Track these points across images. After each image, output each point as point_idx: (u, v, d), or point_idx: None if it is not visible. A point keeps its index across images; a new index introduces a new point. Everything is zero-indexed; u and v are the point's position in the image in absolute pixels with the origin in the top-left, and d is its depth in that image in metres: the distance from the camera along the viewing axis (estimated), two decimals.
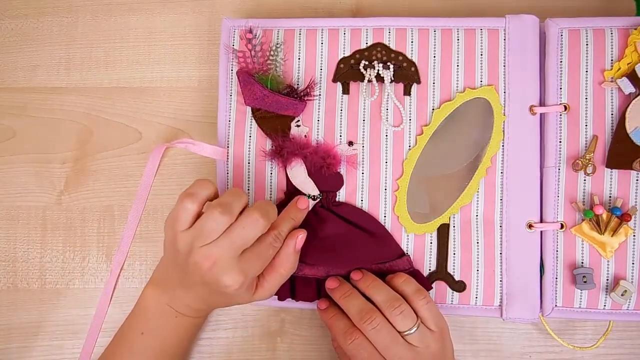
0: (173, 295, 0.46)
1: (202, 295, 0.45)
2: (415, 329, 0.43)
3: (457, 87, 0.49)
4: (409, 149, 0.49)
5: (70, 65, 0.56)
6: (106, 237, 0.55)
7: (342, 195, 0.50)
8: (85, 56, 0.56)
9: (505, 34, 0.49)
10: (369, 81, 0.49)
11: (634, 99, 0.47)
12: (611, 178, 0.48)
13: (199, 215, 0.43)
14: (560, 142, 0.48)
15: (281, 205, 0.49)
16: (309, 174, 0.49)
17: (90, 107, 0.56)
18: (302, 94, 0.49)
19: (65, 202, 0.55)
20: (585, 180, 0.48)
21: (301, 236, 0.46)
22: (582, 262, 0.48)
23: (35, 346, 0.54)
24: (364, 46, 0.50)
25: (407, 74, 0.50)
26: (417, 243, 0.49)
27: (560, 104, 0.48)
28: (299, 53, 0.51)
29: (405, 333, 0.43)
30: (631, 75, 0.47)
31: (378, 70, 0.49)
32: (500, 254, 0.49)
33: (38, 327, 0.54)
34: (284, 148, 0.49)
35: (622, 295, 0.47)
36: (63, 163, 0.55)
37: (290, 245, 0.45)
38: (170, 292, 0.46)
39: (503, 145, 0.49)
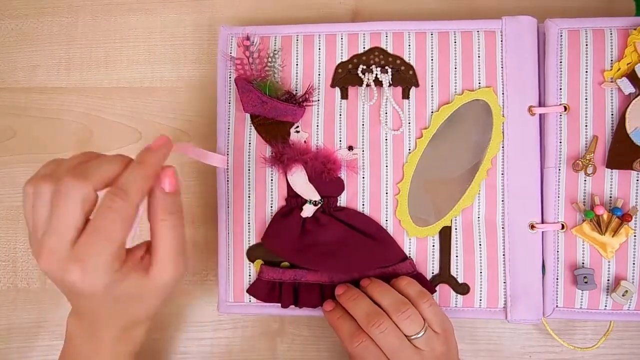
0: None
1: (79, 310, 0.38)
2: (423, 333, 0.43)
3: (456, 89, 0.49)
4: (409, 153, 0.49)
5: (70, 65, 0.56)
6: None
7: (343, 200, 0.50)
8: (85, 56, 0.56)
9: (502, 35, 0.49)
10: (367, 85, 0.49)
11: (633, 99, 0.47)
12: (611, 178, 0.48)
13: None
14: (560, 142, 0.48)
15: (282, 213, 0.49)
16: (310, 180, 0.49)
17: (90, 107, 0.56)
18: (300, 99, 0.49)
19: None
20: (585, 180, 0.48)
21: (167, 173, 0.36)
22: (583, 263, 0.48)
23: (35, 346, 0.54)
24: (361, 51, 0.50)
25: (405, 78, 0.49)
26: (419, 246, 0.49)
27: (560, 104, 0.48)
28: (297, 59, 0.50)
29: (412, 337, 0.43)
30: (631, 76, 0.47)
31: (376, 74, 0.49)
32: (503, 255, 0.49)
33: (38, 327, 0.54)
34: (284, 154, 0.49)
35: (623, 295, 0.47)
36: None
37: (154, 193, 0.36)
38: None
39: (503, 147, 0.49)
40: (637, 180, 0.48)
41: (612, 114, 0.48)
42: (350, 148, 0.50)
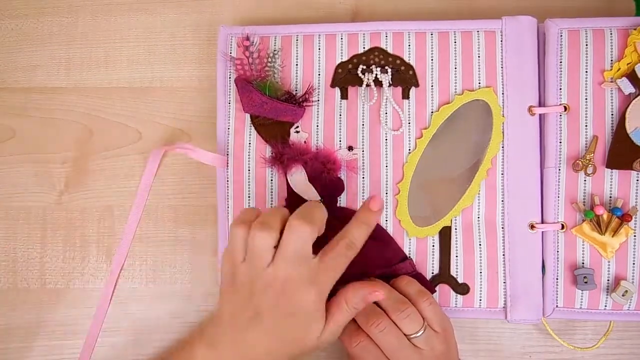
0: (237, 346, 0.42)
1: (274, 331, 0.41)
2: (422, 332, 0.43)
3: (456, 89, 0.49)
4: (409, 153, 0.49)
5: (70, 65, 0.56)
6: (106, 237, 0.55)
7: (343, 200, 0.50)
8: (85, 56, 0.56)
9: (502, 35, 0.49)
10: (367, 85, 0.49)
11: (633, 99, 0.47)
12: (611, 178, 0.48)
13: None
14: (560, 142, 0.48)
15: None
16: (310, 180, 0.49)
17: (90, 107, 0.56)
18: (300, 99, 0.49)
19: (65, 202, 0.55)
20: (585, 180, 0.48)
21: (376, 294, 0.43)
22: (583, 263, 0.48)
23: (35, 346, 0.54)
24: (361, 51, 0.50)
25: (405, 78, 0.49)
26: (419, 246, 0.49)
27: (560, 104, 0.48)
28: (297, 59, 0.50)
29: (412, 336, 0.43)
30: (631, 76, 0.47)
31: (376, 74, 0.49)
32: (503, 255, 0.49)
33: (38, 327, 0.54)
34: (284, 154, 0.49)
35: (622, 295, 0.47)
36: (63, 163, 0.55)
37: (358, 294, 0.43)
38: (231, 348, 0.42)
39: (503, 147, 0.49)
40: (637, 180, 0.48)
41: (612, 114, 0.48)
42: (350, 148, 0.50)
